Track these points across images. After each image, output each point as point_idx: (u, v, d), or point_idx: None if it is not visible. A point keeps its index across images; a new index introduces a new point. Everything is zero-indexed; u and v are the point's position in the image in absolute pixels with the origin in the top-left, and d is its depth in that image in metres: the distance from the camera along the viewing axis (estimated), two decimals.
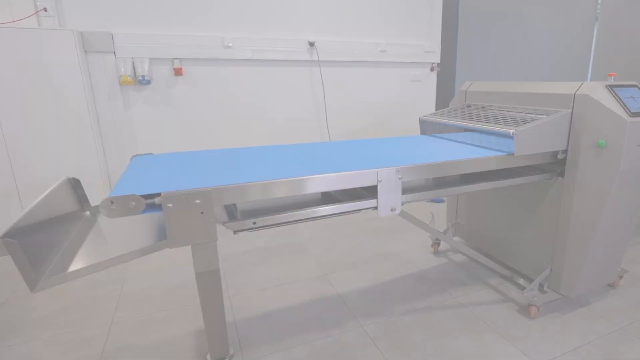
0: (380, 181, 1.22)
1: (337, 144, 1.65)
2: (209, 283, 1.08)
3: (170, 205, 0.97)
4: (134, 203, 0.93)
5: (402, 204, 1.31)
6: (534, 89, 1.67)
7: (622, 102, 1.41)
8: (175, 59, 2.54)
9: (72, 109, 2.23)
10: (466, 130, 1.84)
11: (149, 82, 2.46)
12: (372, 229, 2.66)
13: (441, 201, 3.20)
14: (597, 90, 1.44)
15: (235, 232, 1.09)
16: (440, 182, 1.55)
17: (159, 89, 2.56)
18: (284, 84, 2.91)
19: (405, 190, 1.38)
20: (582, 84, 1.49)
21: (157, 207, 0.97)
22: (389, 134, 3.38)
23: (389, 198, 1.25)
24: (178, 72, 2.55)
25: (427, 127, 1.99)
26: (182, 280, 2.01)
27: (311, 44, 2.87)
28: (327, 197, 1.39)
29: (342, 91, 3.11)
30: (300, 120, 3.03)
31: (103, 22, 2.35)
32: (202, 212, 1.00)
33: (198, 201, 0.99)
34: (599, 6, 4.25)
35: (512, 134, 1.40)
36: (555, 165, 1.64)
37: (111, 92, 2.43)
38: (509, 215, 1.89)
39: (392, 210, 1.28)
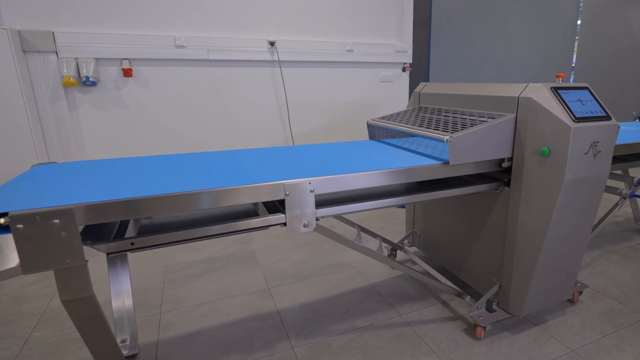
0: (287, 195, 1.10)
1: (265, 151, 1.53)
2: (82, 312, 0.97)
3: (20, 226, 0.85)
4: None
5: (318, 219, 1.19)
6: (483, 91, 1.55)
7: (567, 106, 1.29)
8: (123, 59, 2.42)
9: (7, 112, 2.11)
10: (410, 135, 1.72)
11: (94, 83, 2.34)
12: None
13: None
14: (540, 93, 1.32)
15: (108, 254, 0.97)
16: (385, 190, 1.43)
17: (107, 91, 2.45)
18: (244, 85, 2.79)
19: (332, 202, 1.26)
20: (527, 85, 1.37)
21: (6, 228, 0.85)
22: (357, 136, 3.25)
23: (300, 213, 1.13)
24: (127, 72, 2.43)
25: (375, 132, 1.87)
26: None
27: (272, 44, 2.75)
28: (271, 207, 1.27)
29: (306, 92, 2.99)
30: (262, 122, 2.91)
31: (43, 20, 2.24)
32: (63, 233, 0.88)
33: (57, 221, 0.87)
34: (581, 5, 4.12)
35: (446, 140, 1.28)
36: (503, 173, 1.52)
37: (54, 94, 2.31)
38: (460, 226, 1.77)
39: (305, 226, 1.15)
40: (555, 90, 1.32)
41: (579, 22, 4.14)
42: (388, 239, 2.50)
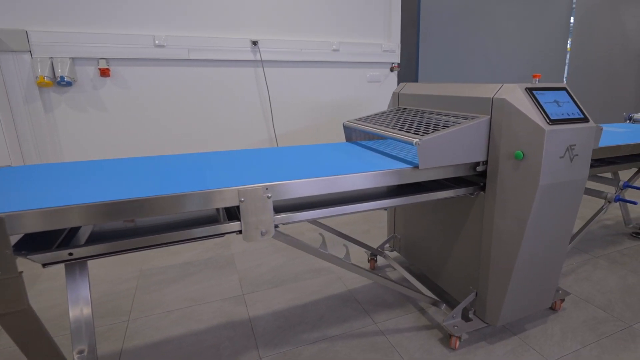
0: (242, 201, 1.04)
1: (231, 154, 1.47)
2: (18, 326, 0.91)
3: None
4: None
5: (277, 226, 1.13)
6: (459, 91, 1.49)
7: (542, 108, 1.23)
8: (100, 58, 2.37)
9: None
10: (382, 137, 1.67)
11: (69, 83, 2.29)
12: (314, 240, 2.49)
13: None
14: (514, 94, 1.26)
15: (44, 265, 0.92)
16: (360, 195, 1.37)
17: (84, 91, 2.39)
18: (226, 86, 2.73)
19: (303, 207, 1.21)
20: (501, 86, 1.31)
21: None
22: (343, 136, 3.19)
23: (257, 220, 1.08)
24: (104, 72, 2.38)
25: (352, 133, 1.81)
26: (94, 297, 1.83)
27: (254, 43, 2.69)
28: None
29: (290, 92, 2.94)
30: (245, 123, 2.85)
31: (16, 19, 2.18)
32: None
33: None
34: (574, 4, 4.06)
35: (415, 143, 1.22)
36: (480, 177, 1.46)
37: (28, 94, 2.26)
38: (438, 231, 1.71)
39: (262, 234, 1.10)
40: (530, 91, 1.27)
41: (572, 20, 4.08)
42: (367, 243, 2.45)
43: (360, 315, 1.69)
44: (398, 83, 3.31)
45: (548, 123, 1.20)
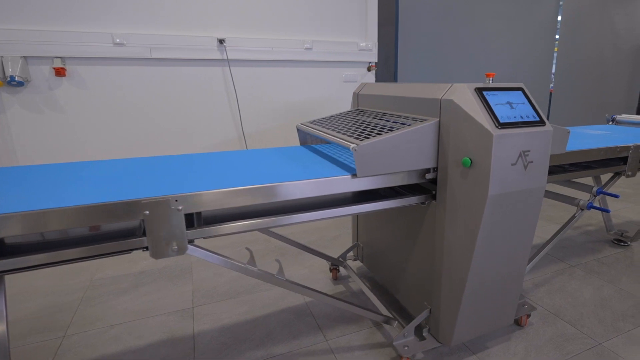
0: (146, 213, 0.93)
1: (159, 160, 1.36)
2: None
3: None
4: None
5: (192, 241, 1.03)
6: (412, 92, 1.38)
7: (491, 110, 1.12)
8: (55, 57, 2.27)
9: None
10: (327, 142, 1.56)
11: (21, 83, 2.19)
12: (280, 249, 2.38)
13: None
14: (462, 94, 1.15)
15: None
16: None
17: (39, 92, 2.29)
18: (191, 86, 2.63)
19: (216, 218, 1.11)
20: (451, 86, 1.20)
21: None
22: None
23: (166, 235, 0.97)
24: (60, 72, 2.28)
25: (306, 137, 1.70)
26: (32, 310, 1.73)
27: (221, 42, 2.59)
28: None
29: (260, 92, 2.83)
30: (212, 124, 2.75)
31: None
32: None
33: None
34: (561, 3, 3.94)
35: (353, 149, 1.11)
36: (433, 184, 1.35)
37: None
38: (395, 242, 1.60)
39: (174, 250, 0.99)
40: (480, 91, 1.16)
41: (559, 19, 3.97)
42: (336, 250, 2.34)
43: (312, 331, 1.58)
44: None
45: (497, 127, 1.09)
